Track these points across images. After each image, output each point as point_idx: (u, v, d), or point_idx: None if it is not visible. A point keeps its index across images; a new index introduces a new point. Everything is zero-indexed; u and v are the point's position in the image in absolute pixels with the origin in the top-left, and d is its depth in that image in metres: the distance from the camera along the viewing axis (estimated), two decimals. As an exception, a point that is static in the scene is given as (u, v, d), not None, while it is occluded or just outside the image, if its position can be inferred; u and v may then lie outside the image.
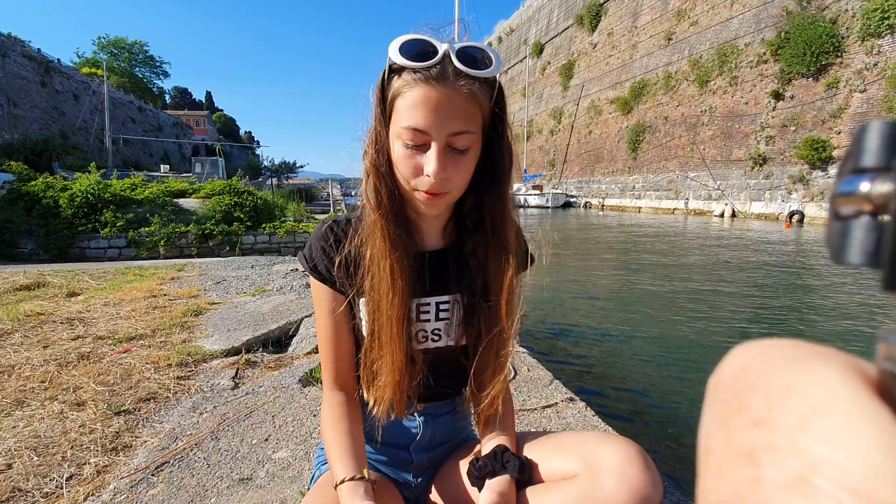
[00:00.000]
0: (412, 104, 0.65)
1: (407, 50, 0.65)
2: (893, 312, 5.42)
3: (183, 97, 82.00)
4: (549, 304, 5.65)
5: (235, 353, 2.51)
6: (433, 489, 0.89)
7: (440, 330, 0.82)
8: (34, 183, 8.77)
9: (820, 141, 16.13)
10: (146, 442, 1.59)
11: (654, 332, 4.72)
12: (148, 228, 8.52)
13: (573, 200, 31.55)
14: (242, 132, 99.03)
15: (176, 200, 9.33)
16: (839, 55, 16.11)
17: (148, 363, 2.25)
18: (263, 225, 9.07)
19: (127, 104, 38.24)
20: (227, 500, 1.28)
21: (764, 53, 18.97)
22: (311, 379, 2.11)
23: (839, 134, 15.86)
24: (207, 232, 8.64)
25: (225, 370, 2.25)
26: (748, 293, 6.37)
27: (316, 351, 2.47)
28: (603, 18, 31.22)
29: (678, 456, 2.43)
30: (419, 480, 0.91)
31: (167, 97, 70.40)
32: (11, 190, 8.71)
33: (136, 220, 8.61)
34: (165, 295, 3.84)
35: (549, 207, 28.95)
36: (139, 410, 1.81)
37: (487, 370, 0.80)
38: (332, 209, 15.84)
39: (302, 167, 34.66)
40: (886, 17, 14.65)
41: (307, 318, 3.08)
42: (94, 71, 38.13)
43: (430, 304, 0.81)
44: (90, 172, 9.12)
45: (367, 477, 0.72)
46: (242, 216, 9.00)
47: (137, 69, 54.77)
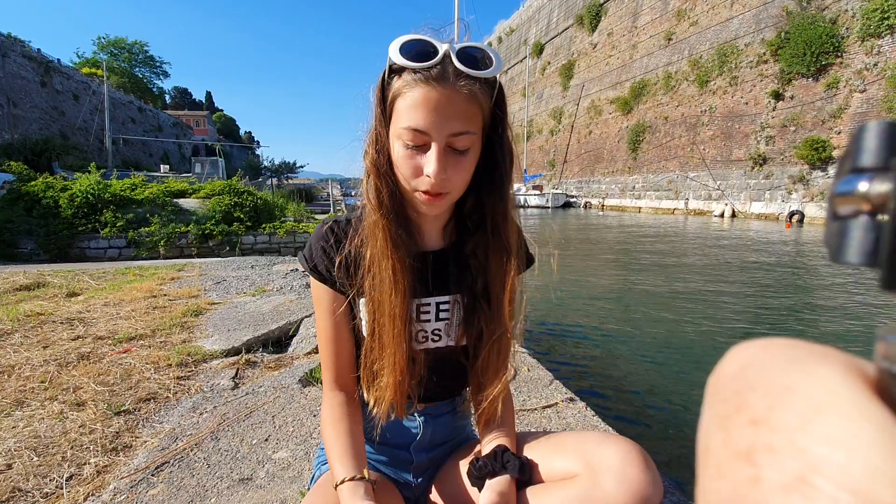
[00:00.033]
0: (412, 104, 0.65)
1: (407, 50, 0.65)
2: (892, 312, 5.42)
3: (183, 97, 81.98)
4: (549, 304, 5.65)
5: (235, 353, 2.51)
6: (433, 489, 0.89)
7: (440, 330, 0.82)
8: (34, 183, 8.76)
9: (820, 141, 16.13)
10: (146, 442, 1.59)
11: (654, 332, 4.72)
12: (148, 228, 8.52)
13: (573, 200, 31.54)
14: (242, 132, 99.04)
15: (176, 200, 9.32)
16: (839, 55, 16.11)
17: (148, 363, 2.25)
18: (263, 225, 9.07)
19: (127, 104, 38.23)
20: (227, 500, 1.28)
21: (764, 53, 18.97)
22: (311, 379, 2.11)
23: (839, 134, 15.86)
24: (207, 232, 8.64)
25: (225, 370, 2.25)
26: (748, 293, 6.37)
27: (316, 351, 2.47)
28: (603, 18, 31.21)
29: (678, 456, 2.43)
30: (419, 480, 0.91)
31: (167, 97, 70.41)
32: (11, 190, 8.71)
33: (136, 220, 8.61)
34: (165, 295, 3.84)
35: (549, 207, 28.94)
36: (139, 410, 1.82)
37: (489, 370, 0.80)
38: (332, 209, 15.84)
39: (302, 167, 34.55)
40: (886, 17, 14.65)
41: (307, 318, 3.08)
42: (94, 71, 38.12)
43: (430, 304, 0.81)
44: (90, 172, 9.12)
45: (367, 477, 0.72)
46: (242, 216, 9.00)
47: (137, 69, 54.77)
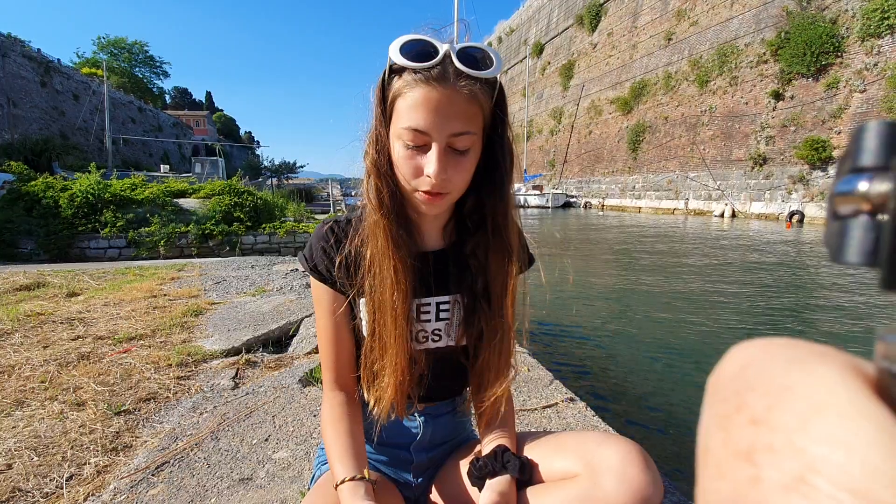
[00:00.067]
0: (413, 105, 0.65)
1: (407, 50, 0.65)
2: (892, 312, 5.42)
3: (183, 97, 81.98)
4: (549, 303, 5.64)
5: (235, 353, 2.51)
6: (433, 489, 0.89)
7: (440, 330, 0.82)
8: (34, 183, 8.76)
9: (820, 141, 16.13)
10: (146, 442, 1.59)
11: (654, 332, 4.72)
12: (148, 228, 8.52)
13: (573, 200, 31.54)
14: (242, 132, 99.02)
15: (176, 200, 9.32)
16: (839, 55, 16.11)
17: (148, 363, 2.25)
18: (263, 225, 9.07)
19: (127, 104, 38.22)
20: (227, 500, 1.28)
21: (764, 53, 18.98)
22: (311, 379, 2.11)
23: (839, 134, 15.86)
24: (207, 232, 8.63)
25: (225, 370, 2.25)
26: (748, 293, 6.37)
27: (316, 351, 2.47)
28: (603, 18, 31.21)
29: (679, 456, 2.44)
30: (419, 480, 0.91)
31: (167, 97, 70.39)
32: (11, 190, 8.71)
33: (136, 220, 8.61)
34: (165, 295, 3.84)
35: (549, 207, 28.93)
36: (139, 410, 1.82)
37: (490, 371, 0.80)
38: (332, 209, 15.83)
39: (302, 167, 34.54)
40: (886, 17, 14.65)
41: (307, 318, 3.08)
42: (94, 71, 38.11)
43: (430, 304, 0.81)
44: (90, 172, 9.11)
45: (367, 477, 0.72)
46: (242, 216, 9.00)
47: (137, 69, 54.76)
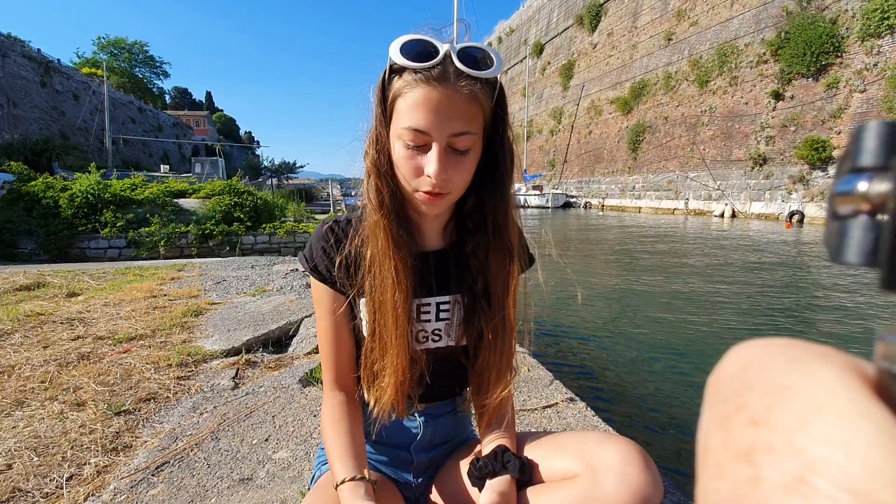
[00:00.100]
0: (413, 105, 0.65)
1: (408, 50, 0.65)
2: (892, 312, 5.42)
3: (183, 97, 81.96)
4: (549, 304, 5.64)
5: (235, 353, 2.51)
6: (433, 489, 0.89)
7: (440, 330, 0.82)
8: (34, 183, 8.76)
9: (820, 141, 16.13)
10: (146, 442, 1.59)
11: (654, 332, 4.72)
12: (148, 228, 8.51)
13: (573, 201, 31.54)
14: (242, 132, 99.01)
15: (176, 200, 9.32)
16: (839, 55, 16.11)
17: (148, 363, 2.25)
18: (263, 225, 9.06)
19: (127, 104, 38.22)
20: (227, 500, 1.28)
21: (764, 53, 18.98)
22: (311, 379, 2.11)
23: (839, 134, 15.86)
24: (207, 232, 8.63)
25: (225, 370, 2.25)
26: (748, 293, 6.37)
27: (316, 351, 2.47)
28: (603, 18, 31.21)
29: (679, 456, 2.44)
30: (419, 480, 0.91)
31: (167, 97, 70.38)
32: (11, 190, 8.70)
33: (136, 220, 8.61)
34: (165, 295, 3.84)
35: (549, 208, 28.93)
36: (139, 410, 1.82)
37: (492, 371, 0.80)
38: (332, 209, 15.83)
39: (302, 167, 34.51)
40: (886, 17, 14.65)
41: (307, 318, 3.08)
42: (94, 71, 38.11)
43: (430, 304, 0.81)
44: (90, 172, 9.11)
45: (367, 477, 0.72)
46: (242, 216, 8.99)
47: (137, 69, 54.76)
